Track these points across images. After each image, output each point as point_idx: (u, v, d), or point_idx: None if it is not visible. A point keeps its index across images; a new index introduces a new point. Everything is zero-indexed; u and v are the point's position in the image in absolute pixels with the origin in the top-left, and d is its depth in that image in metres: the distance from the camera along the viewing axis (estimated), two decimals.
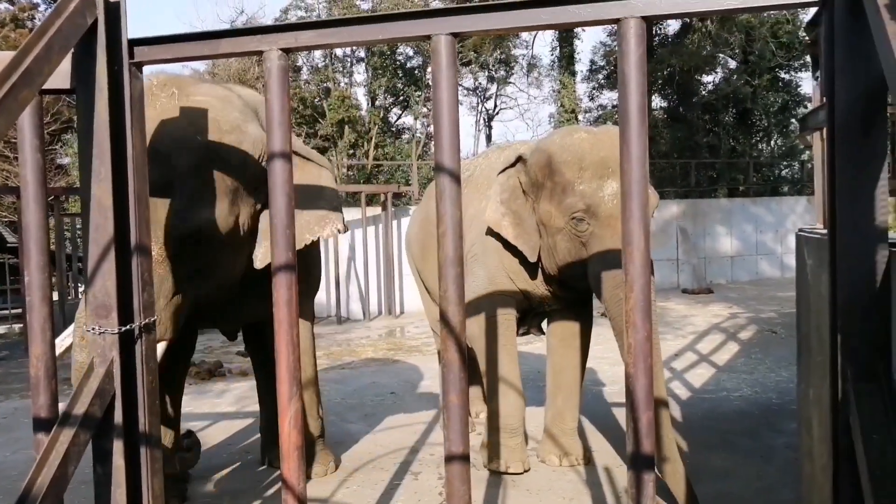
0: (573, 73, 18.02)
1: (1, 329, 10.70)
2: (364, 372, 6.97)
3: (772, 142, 20.03)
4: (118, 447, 2.14)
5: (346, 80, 17.68)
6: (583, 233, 3.45)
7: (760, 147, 19.96)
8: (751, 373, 6.24)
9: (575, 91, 18.02)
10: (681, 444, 4.12)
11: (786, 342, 7.46)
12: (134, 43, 2.21)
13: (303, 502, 2.20)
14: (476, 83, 19.96)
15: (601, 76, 20.43)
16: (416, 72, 17.29)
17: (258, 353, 4.16)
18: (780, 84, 18.78)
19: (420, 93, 16.96)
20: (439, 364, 4.89)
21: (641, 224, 1.93)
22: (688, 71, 17.92)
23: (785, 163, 19.73)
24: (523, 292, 3.90)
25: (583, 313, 4.07)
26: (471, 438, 2.46)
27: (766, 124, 19.35)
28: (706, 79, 19.58)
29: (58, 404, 2.17)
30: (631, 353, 1.97)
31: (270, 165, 2.17)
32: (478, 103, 20.45)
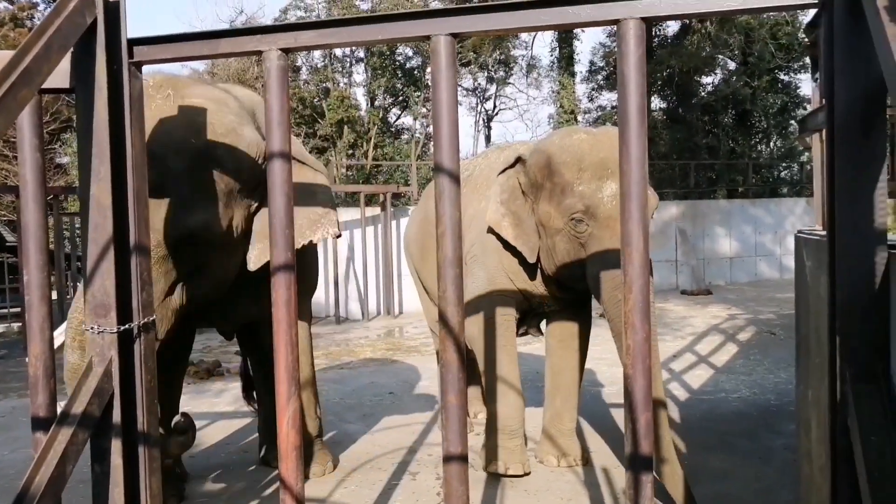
0: (573, 74, 18.02)
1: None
2: (363, 372, 6.97)
3: (771, 143, 20.05)
4: (116, 446, 2.14)
5: (346, 80, 17.68)
6: (582, 234, 3.44)
7: (760, 148, 19.98)
8: (749, 374, 6.24)
9: (574, 92, 18.01)
10: (679, 445, 4.13)
11: (784, 343, 7.46)
12: (133, 42, 2.21)
13: (301, 502, 2.19)
14: (475, 84, 19.96)
15: (600, 77, 20.44)
16: (415, 72, 17.30)
17: (254, 354, 4.17)
18: (780, 85, 18.81)
19: (419, 93, 16.96)
20: (438, 364, 4.89)
21: (640, 225, 1.93)
22: (687, 72, 17.93)
23: (784, 164, 19.78)
24: (523, 292, 3.89)
25: (582, 314, 4.07)
26: (469, 439, 2.46)
27: (765, 126, 19.36)
28: (705, 80, 19.61)
29: (56, 403, 2.17)
30: (629, 354, 1.97)
31: (269, 165, 2.17)
32: (477, 104, 20.47)
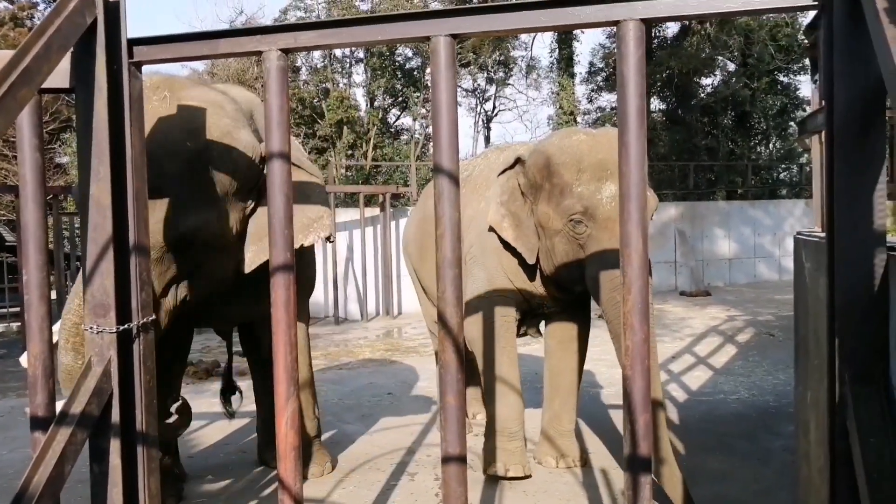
0: (572, 75, 18.01)
1: None
2: (361, 372, 6.96)
3: (770, 145, 20.05)
4: (115, 446, 2.14)
5: (345, 80, 17.66)
6: (580, 235, 3.44)
7: (759, 150, 19.98)
8: (748, 375, 6.24)
9: (574, 93, 18.00)
10: (678, 446, 4.14)
11: (783, 345, 7.46)
12: (133, 42, 2.21)
13: (299, 502, 2.19)
14: (475, 84, 19.94)
15: (600, 78, 20.42)
16: (415, 73, 17.28)
17: (253, 353, 4.17)
18: (779, 87, 18.80)
19: (419, 94, 16.95)
20: (437, 365, 4.88)
21: (639, 226, 1.93)
22: (687, 73, 17.93)
23: (783, 166, 19.78)
24: (522, 293, 3.89)
25: (581, 315, 4.07)
26: (468, 440, 2.46)
27: (764, 127, 19.36)
28: (705, 81, 19.59)
29: (55, 403, 2.16)
30: (628, 356, 1.97)
31: (269, 166, 2.16)
32: (476, 105, 20.43)
